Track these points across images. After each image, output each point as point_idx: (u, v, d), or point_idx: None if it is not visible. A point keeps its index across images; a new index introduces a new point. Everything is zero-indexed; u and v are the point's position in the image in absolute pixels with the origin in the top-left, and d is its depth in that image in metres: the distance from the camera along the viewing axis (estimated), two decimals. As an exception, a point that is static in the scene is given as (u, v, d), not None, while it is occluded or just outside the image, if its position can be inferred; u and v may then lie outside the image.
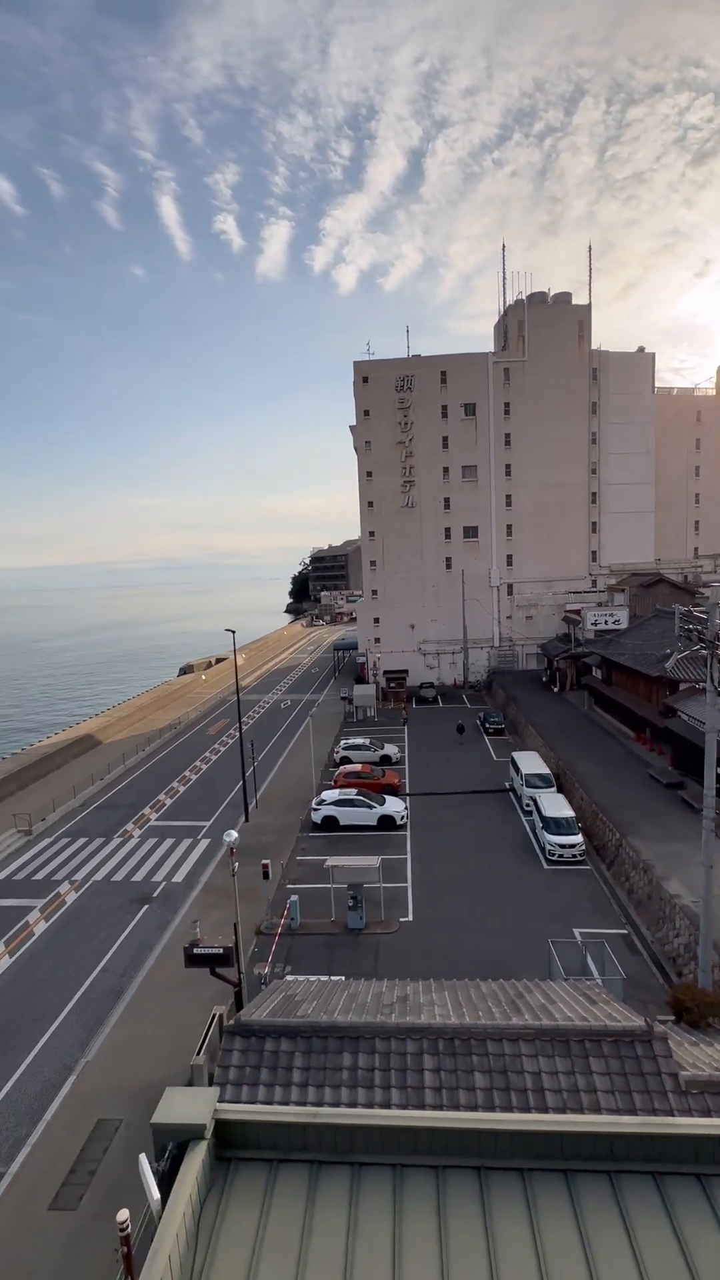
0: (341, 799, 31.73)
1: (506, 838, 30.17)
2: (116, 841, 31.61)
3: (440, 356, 65.37)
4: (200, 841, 31.28)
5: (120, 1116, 15.28)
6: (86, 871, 28.42)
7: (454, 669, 68.22)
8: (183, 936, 22.82)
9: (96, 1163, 14.13)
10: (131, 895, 26.16)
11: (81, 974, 20.96)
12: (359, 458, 67.46)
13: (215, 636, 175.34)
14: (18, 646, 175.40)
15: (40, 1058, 17.35)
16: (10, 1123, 15.33)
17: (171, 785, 39.87)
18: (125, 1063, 17.03)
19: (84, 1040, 17.97)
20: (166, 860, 29.29)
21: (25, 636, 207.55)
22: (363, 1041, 10.80)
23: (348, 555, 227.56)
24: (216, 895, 25.80)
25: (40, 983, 20.61)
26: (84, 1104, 15.71)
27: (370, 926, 22.68)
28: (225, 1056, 11.18)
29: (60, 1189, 13.54)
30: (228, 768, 43.10)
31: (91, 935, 23.19)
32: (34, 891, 26.73)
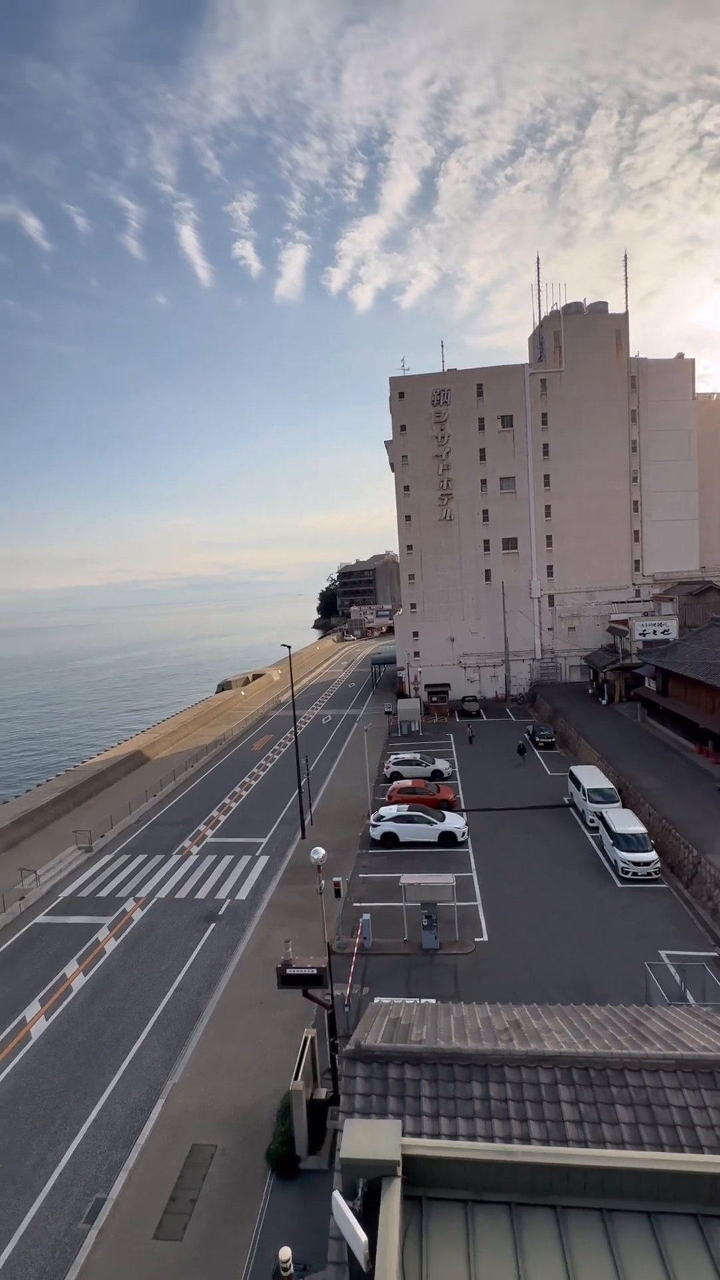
0: (401, 815, 31.27)
1: (573, 854, 29.33)
2: (176, 858, 31.62)
3: (476, 370, 65.48)
4: (259, 858, 31.10)
5: (214, 1142, 14.98)
6: (150, 889, 28.43)
7: (495, 682, 67.36)
8: (254, 955, 22.65)
9: (196, 1190, 13.83)
10: (197, 913, 26.04)
11: (158, 993, 20.82)
12: (396, 472, 67.67)
13: (247, 652, 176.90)
14: (60, 665, 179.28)
15: (127, 1079, 17.18)
16: (104, 1145, 15.15)
17: (223, 801, 39.88)
18: (211, 1085, 16.76)
19: (167, 1061, 17.76)
20: (228, 877, 29.14)
21: (66, 655, 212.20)
22: (491, 1070, 10.35)
23: (375, 570, 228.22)
24: (283, 913, 25.53)
25: (117, 1001, 20.52)
26: (176, 1128, 15.46)
27: (445, 946, 22.12)
28: (349, 1084, 10.84)
29: (163, 1217, 13.26)
30: (276, 784, 43.03)
31: (163, 953, 23.08)
32: (101, 909, 26.81)
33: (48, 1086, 17.08)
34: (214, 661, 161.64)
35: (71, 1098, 16.63)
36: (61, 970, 22.46)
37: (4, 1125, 15.87)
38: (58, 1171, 14.52)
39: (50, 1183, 14.25)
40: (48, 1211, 13.60)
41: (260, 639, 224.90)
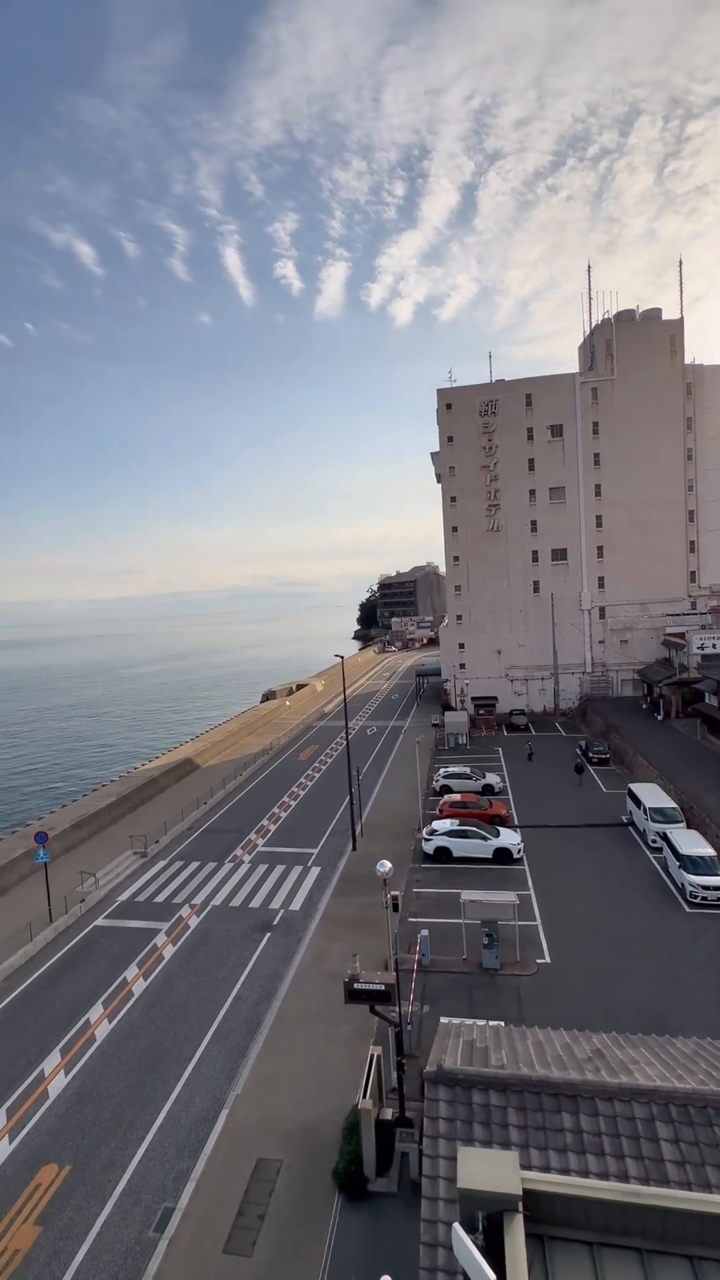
0: (454, 830, 30.75)
1: (634, 875, 28.25)
2: (228, 866, 31.84)
3: (525, 379, 64.93)
4: (311, 869, 31.02)
5: (280, 1157, 14.82)
6: (204, 896, 28.66)
7: (543, 695, 65.98)
8: (311, 967, 22.51)
9: (263, 1206, 13.68)
10: (252, 922, 26.09)
11: (216, 1001, 20.87)
12: (443, 483, 67.48)
13: (288, 662, 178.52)
14: (108, 672, 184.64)
15: (190, 1087, 17.21)
16: (170, 1154, 15.17)
17: (273, 811, 40.05)
18: (274, 1098, 16.62)
19: (229, 1071, 17.73)
20: (281, 887, 29.15)
21: (114, 663, 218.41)
22: (582, 1101, 9.95)
23: (416, 582, 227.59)
24: (337, 925, 25.34)
25: (177, 1008, 20.66)
26: (240, 1141, 15.37)
27: (506, 966, 21.52)
28: (432, 1107, 10.57)
29: (232, 1231, 13.15)
30: (324, 794, 43.00)
31: (220, 962, 23.17)
32: (157, 914, 27.15)
33: (113, 1090, 17.25)
34: (255, 671, 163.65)
35: (136, 1103, 16.75)
36: (122, 974, 22.78)
37: (73, 1127, 16.09)
38: (126, 1176, 14.60)
39: (119, 1188, 14.33)
40: (118, 1217, 13.66)
41: (299, 649, 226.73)
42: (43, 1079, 17.84)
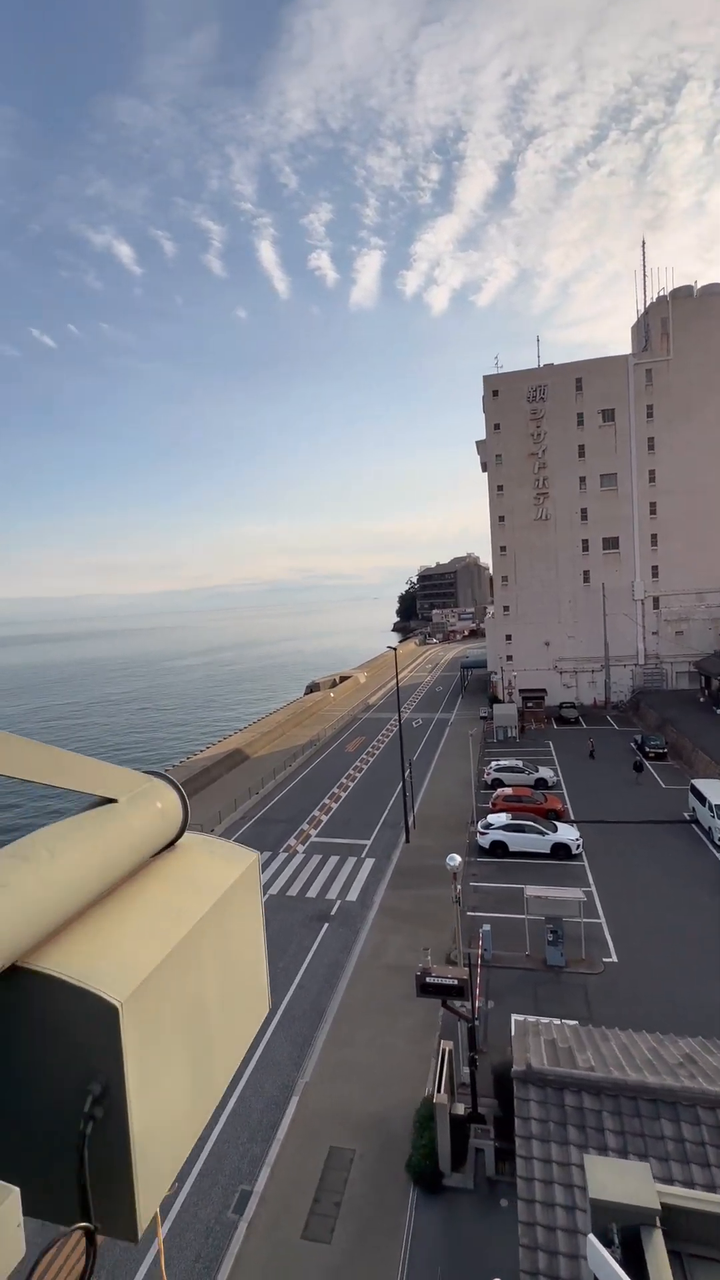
0: (510, 824, 30.29)
1: (701, 875, 27.28)
2: (283, 856, 32.19)
3: (575, 363, 63.05)
4: (365, 861, 31.08)
5: (352, 1147, 14.89)
6: (264, 879, 29.00)
7: (594, 688, 64.41)
8: (370, 959, 22.54)
9: (339, 1194, 13.77)
10: (309, 912, 26.30)
11: (280, 989, 21.10)
12: (489, 472, 66.31)
13: (327, 655, 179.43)
14: (153, 665, 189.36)
15: (260, 1073, 17.46)
16: (243, 1137, 15.42)
17: (323, 802, 40.29)
18: (341, 1089, 16.71)
19: (296, 1059, 17.91)
20: (336, 878, 29.29)
21: (159, 656, 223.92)
22: (682, 1108, 9.58)
23: (456, 573, 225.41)
24: (394, 918, 25.31)
25: (242, 995, 20.98)
26: (311, 1129, 15.51)
27: (571, 964, 21.08)
28: (523, 1107, 10.38)
29: (309, 1218, 13.28)
30: (374, 786, 43.01)
31: (282, 950, 23.44)
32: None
33: (185, 1072, 17.65)
34: (295, 664, 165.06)
35: (208, 1086, 17.08)
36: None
37: (149, 1106, 16.53)
38: (202, 1160, 14.91)
39: (195, 1170, 14.64)
40: (196, 1197, 13.97)
41: (338, 642, 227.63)
42: (117, 1058, 18.39)
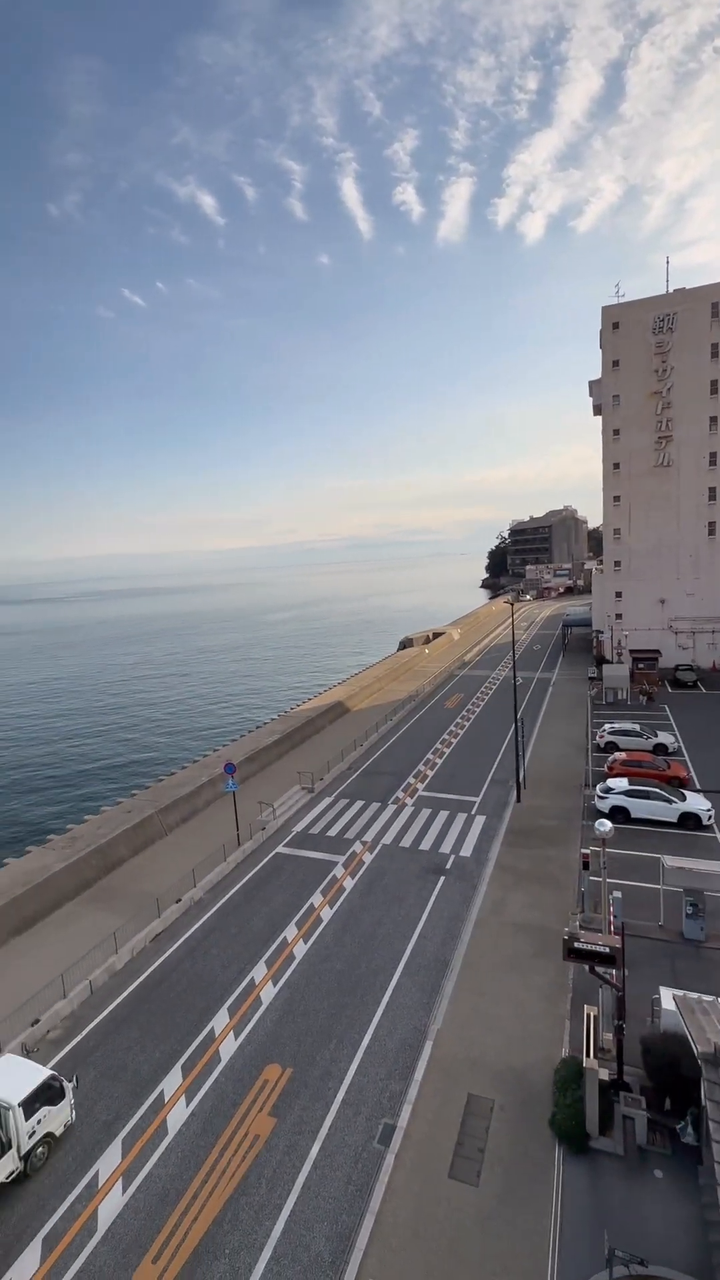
0: (634, 789, 28.78)
1: None
2: (392, 808, 32.49)
3: (711, 285, 56.06)
4: (476, 818, 30.76)
5: (492, 1097, 14.93)
6: (373, 834, 29.52)
7: (713, 650, 59.68)
8: (491, 915, 22.35)
9: (481, 1141, 13.88)
10: (424, 864, 26.44)
11: (401, 937, 21.44)
12: (603, 415, 61.30)
13: (416, 610, 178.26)
14: (247, 618, 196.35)
15: (390, 1014, 17.87)
16: (381, 1074, 15.87)
17: (427, 757, 40.21)
18: (475, 1038, 16.76)
19: (425, 1005, 18.16)
20: (448, 833, 29.22)
21: (249, 610, 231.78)
22: None
23: (551, 527, 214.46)
24: (513, 876, 24.93)
25: (366, 938, 21.51)
26: (448, 1073, 15.70)
27: (711, 939, 19.88)
28: (713, 1090, 9.77)
29: (454, 1159, 13.49)
30: (477, 743, 42.39)
31: (399, 899, 23.76)
32: (332, 848, 28.43)
33: (318, 1006, 18.37)
34: (384, 619, 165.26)
35: (342, 1021, 17.71)
36: (309, 900, 24.15)
37: (287, 1034, 17.37)
38: (343, 1089, 15.49)
39: (338, 1098, 15.24)
40: (342, 1123, 14.56)
41: (425, 598, 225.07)
42: (254, 986, 19.44)
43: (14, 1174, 13.46)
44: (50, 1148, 14.20)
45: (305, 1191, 13.07)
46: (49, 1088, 14.21)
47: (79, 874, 25.59)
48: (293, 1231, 12.30)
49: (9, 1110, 13.40)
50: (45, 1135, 14.01)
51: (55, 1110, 14.23)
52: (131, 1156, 14.09)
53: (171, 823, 30.82)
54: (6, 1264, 11.92)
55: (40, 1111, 13.89)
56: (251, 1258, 11.88)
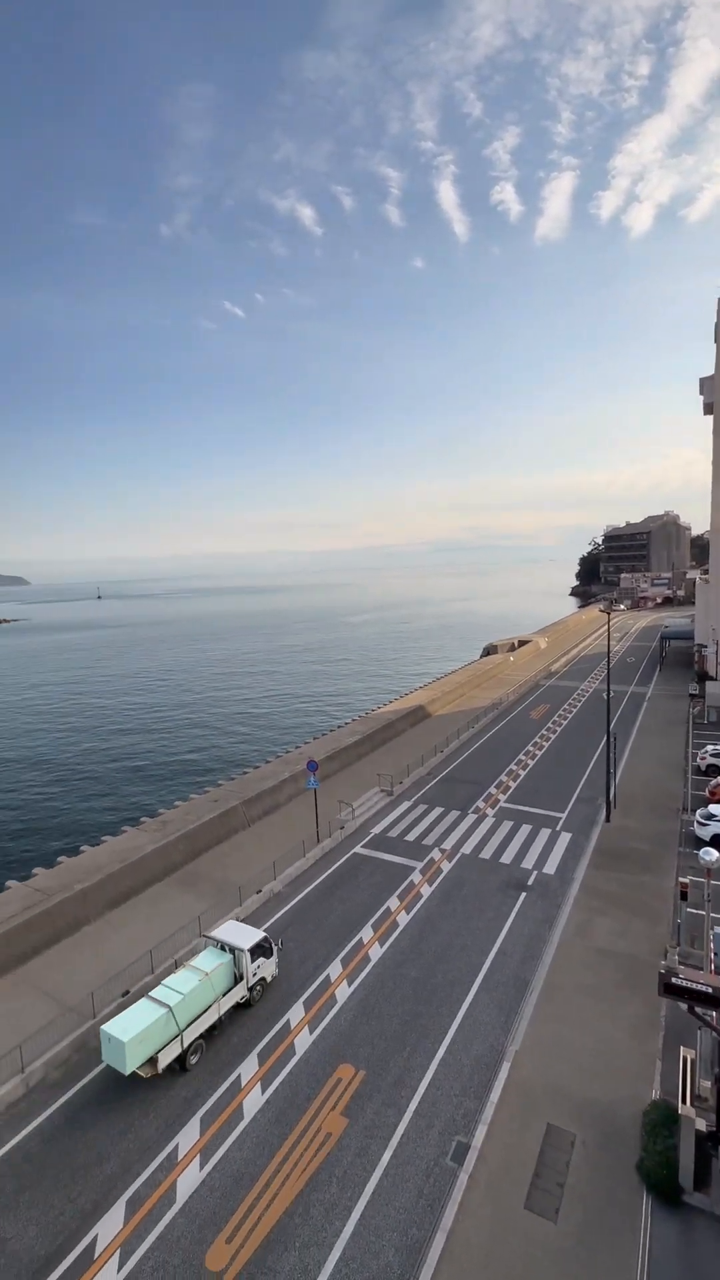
0: (740, 818, 26.53)
1: None
2: (472, 817, 31.80)
3: None
4: (561, 834, 29.50)
5: (573, 1131, 14.19)
6: (452, 842, 29.00)
7: None
8: (576, 938, 21.33)
9: (561, 1175, 13.21)
10: (504, 878, 25.65)
11: (479, 950, 20.89)
12: (716, 413, 57.23)
13: (501, 617, 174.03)
14: (329, 619, 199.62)
15: (466, 1028, 17.44)
16: (455, 1089, 15.50)
17: (510, 768, 39.06)
18: (556, 1066, 16.02)
19: (503, 1024, 17.57)
20: (530, 848, 28.21)
21: (331, 611, 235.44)
22: None
23: (650, 533, 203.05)
24: (600, 899, 23.67)
25: (442, 948, 21.14)
26: (526, 1099, 15.08)
27: None
28: None
29: (530, 1190, 12.93)
30: (563, 757, 40.71)
31: (478, 911, 23.18)
32: (410, 852, 28.21)
33: (393, 1011, 18.24)
34: (468, 625, 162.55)
35: (416, 1030, 17.47)
36: (386, 903, 24.08)
37: (363, 1035, 17.35)
38: (416, 1099, 15.27)
39: (411, 1107, 15.03)
40: (414, 1134, 14.34)
41: (512, 605, 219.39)
42: (329, 983, 19.60)
43: (244, 999, 18.45)
44: (263, 989, 19.14)
45: (376, 1198, 12.97)
46: (264, 945, 19.09)
47: (168, 857, 26.90)
48: (362, 1236, 12.24)
49: (242, 953, 18.42)
50: (260, 978, 18.95)
51: (267, 962, 19.16)
52: (209, 1135, 14.55)
53: (254, 815, 31.75)
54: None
55: (259, 960, 18.78)
56: (321, 1255, 11.92)
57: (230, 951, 18.62)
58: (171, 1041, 16.04)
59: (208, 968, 17.73)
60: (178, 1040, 16.15)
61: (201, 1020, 16.85)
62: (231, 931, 19.34)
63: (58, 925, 22.15)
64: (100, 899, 23.75)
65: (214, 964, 17.89)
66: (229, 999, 17.84)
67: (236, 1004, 18.29)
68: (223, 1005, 17.58)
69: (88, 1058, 16.94)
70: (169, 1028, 16.03)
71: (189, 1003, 16.66)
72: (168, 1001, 16.38)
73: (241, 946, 18.49)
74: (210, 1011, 17.16)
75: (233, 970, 18.28)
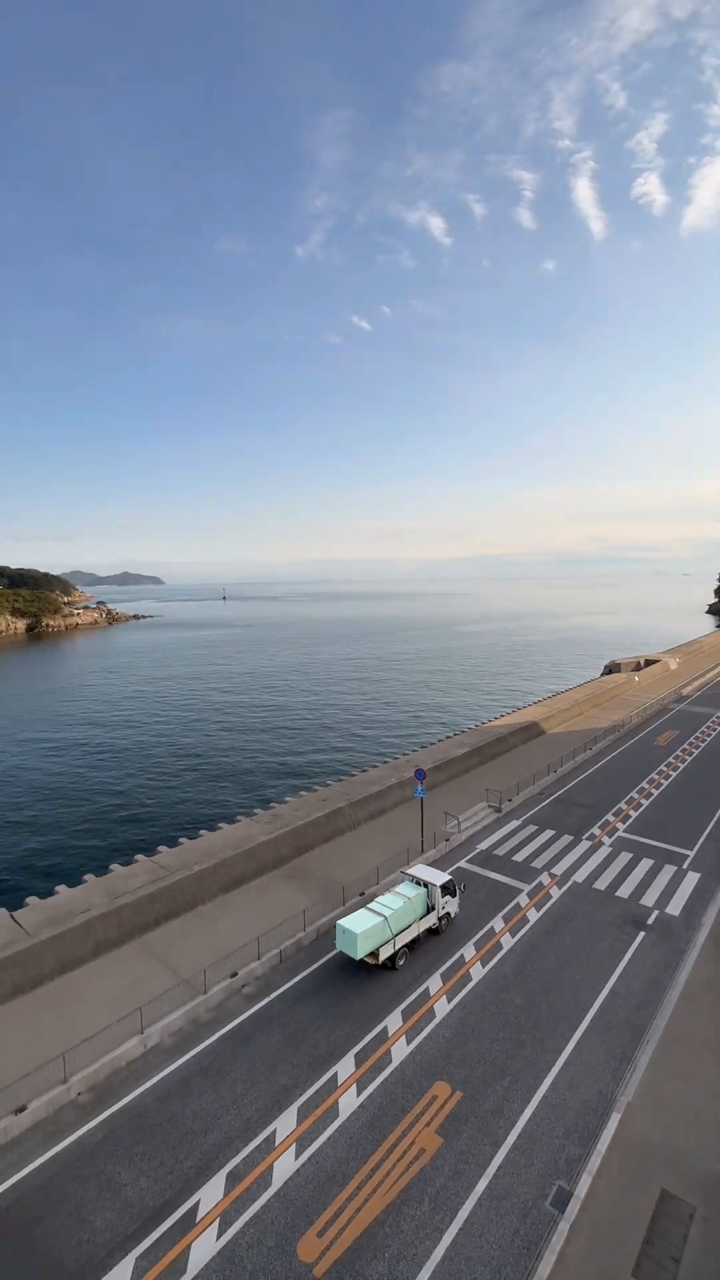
0: None
1: None
2: (586, 844, 30.01)
3: None
4: (688, 873, 27.02)
5: (692, 1203, 12.89)
6: (563, 868, 27.56)
7: None
8: (703, 990, 19.41)
9: (676, 1249, 12.03)
10: (620, 913, 23.93)
11: (590, 987, 19.64)
12: None
13: (629, 634, 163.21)
14: (442, 628, 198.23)
15: (571, 1069, 16.46)
16: (557, 1132, 14.66)
17: (631, 796, 36.42)
18: (674, 1127, 14.64)
19: (613, 1071, 16.37)
20: (651, 884, 26.10)
21: (445, 620, 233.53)
22: None
23: None
24: (733, 952, 21.34)
25: (549, 978, 20.12)
26: (638, 1158, 13.92)
27: None
28: None
29: (640, 1258, 11.90)
30: (695, 788, 37.29)
31: (590, 945, 21.81)
32: (518, 874, 27.17)
33: (494, 1036, 17.63)
34: (587, 641, 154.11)
35: (518, 1060, 16.76)
36: (489, 923, 23.37)
37: (460, 1056, 16.95)
38: (514, 1133, 14.63)
39: (509, 1140, 14.43)
40: (512, 1169, 13.74)
41: (640, 622, 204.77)
42: (428, 996, 19.35)
43: (434, 926, 22.37)
44: (448, 921, 22.96)
45: (469, 1227, 12.58)
46: (450, 885, 22.80)
47: (277, 849, 27.99)
48: (453, 1262, 11.92)
49: (435, 888, 22.26)
50: (446, 913, 22.70)
51: (453, 900, 22.92)
52: (304, 1126, 14.89)
53: (360, 817, 32.18)
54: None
55: (446, 897, 22.55)
56: (410, 1271, 11.77)
57: (424, 886, 22.53)
58: (386, 943, 20.23)
59: (409, 895, 21.84)
60: (391, 943, 20.36)
61: (406, 933, 20.92)
62: (424, 871, 23.32)
63: (177, 902, 23.82)
64: (215, 882, 25.22)
65: (413, 893, 21.97)
66: (424, 923, 21.74)
67: (429, 929, 22.39)
68: (420, 926, 21.51)
69: (198, 1030, 18.02)
70: (385, 932, 20.32)
71: (398, 916, 20.87)
72: (383, 913, 20.69)
73: (434, 883, 22.44)
74: (412, 929, 21.16)
75: (426, 901, 22.15)
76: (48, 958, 20.15)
